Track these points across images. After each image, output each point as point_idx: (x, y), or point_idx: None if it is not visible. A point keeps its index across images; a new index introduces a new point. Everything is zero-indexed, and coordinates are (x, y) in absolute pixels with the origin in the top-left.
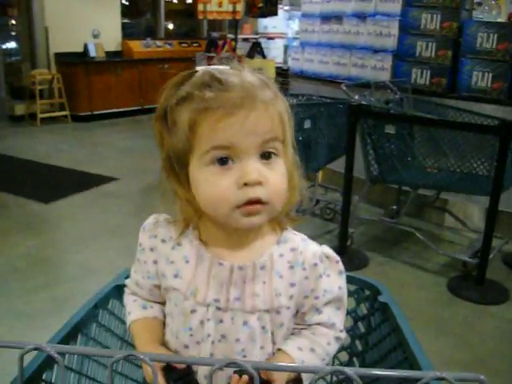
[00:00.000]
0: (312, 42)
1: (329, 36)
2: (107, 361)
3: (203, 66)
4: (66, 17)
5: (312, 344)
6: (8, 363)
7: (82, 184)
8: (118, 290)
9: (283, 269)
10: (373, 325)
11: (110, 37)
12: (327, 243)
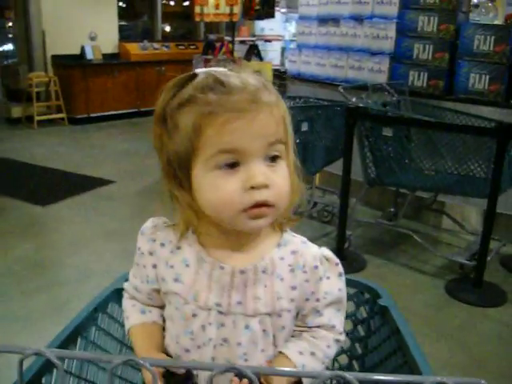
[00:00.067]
0: (309, 45)
1: (326, 38)
2: (107, 365)
3: (203, 69)
4: (63, 19)
5: (312, 347)
6: (3, 367)
7: (79, 187)
8: (118, 294)
9: (284, 272)
10: (372, 328)
11: (107, 39)
12: (325, 246)
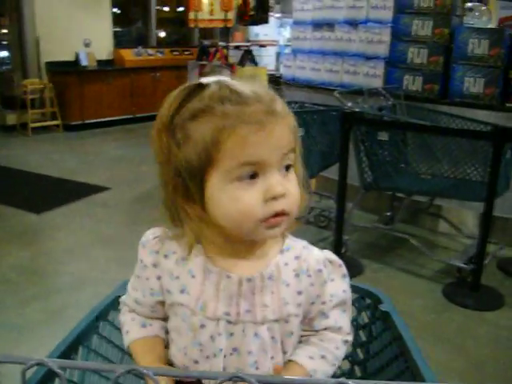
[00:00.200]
0: (304, 50)
1: (321, 43)
2: (110, 374)
3: (210, 78)
4: (57, 26)
5: (322, 351)
6: (4, 378)
7: (74, 194)
8: (119, 302)
9: (289, 277)
10: (374, 333)
11: (102, 45)
12: (321, 249)
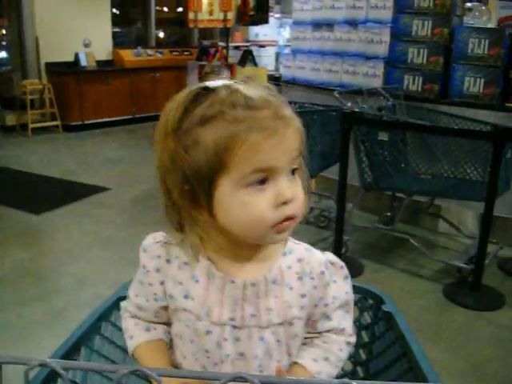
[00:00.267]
0: (303, 50)
1: (320, 43)
2: (113, 375)
3: (215, 81)
4: (57, 26)
5: (325, 353)
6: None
7: (74, 194)
8: (121, 302)
9: (292, 280)
10: (376, 334)
11: (101, 46)
12: (322, 251)
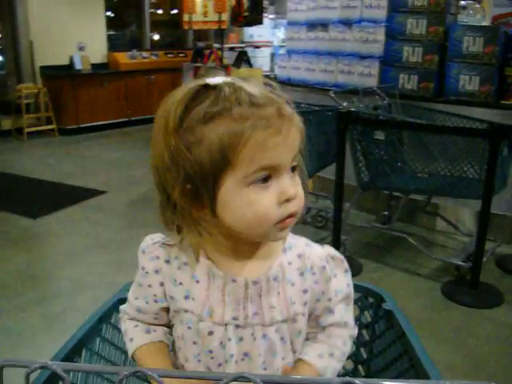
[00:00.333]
0: (298, 50)
1: (315, 43)
2: (113, 377)
3: (216, 78)
4: (51, 30)
5: (330, 348)
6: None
7: (71, 198)
8: (121, 304)
9: (294, 276)
10: (377, 332)
11: (96, 49)
12: (321, 245)
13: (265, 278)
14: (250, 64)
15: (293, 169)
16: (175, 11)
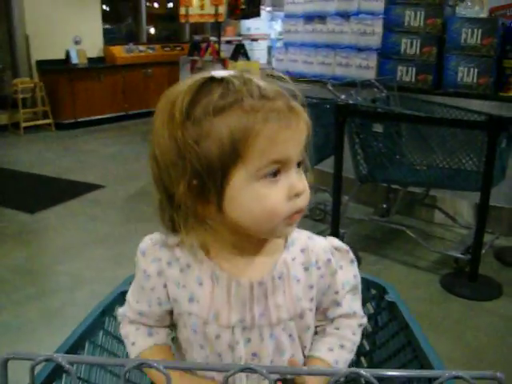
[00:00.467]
0: (296, 43)
1: (312, 36)
2: (117, 369)
3: (222, 71)
4: (47, 24)
5: (340, 340)
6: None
7: (69, 192)
8: (124, 297)
9: (299, 272)
10: (380, 324)
11: (92, 43)
12: (324, 236)
13: (270, 278)
14: (248, 57)
15: (298, 164)
16: (171, 4)
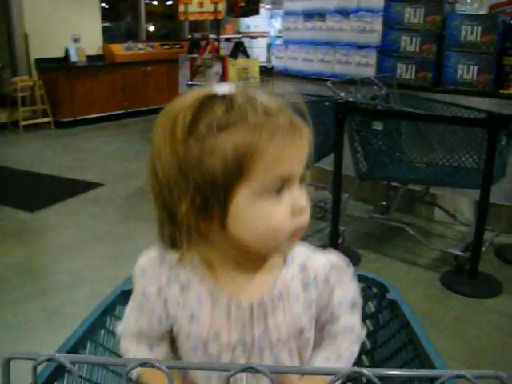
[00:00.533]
0: (295, 40)
1: (312, 33)
2: (119, 368)
3: (223, 85)
4: (46, 22)
5: (337, 350)
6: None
7: (68, 191)
8: (125, 296)
9: (298, 291)
10: (381, 322)
11: (91, 41)
12: (318, 242)
13: (269, 298)
14: (247, 55)
15: (300, 180)
16: (170, 2)
